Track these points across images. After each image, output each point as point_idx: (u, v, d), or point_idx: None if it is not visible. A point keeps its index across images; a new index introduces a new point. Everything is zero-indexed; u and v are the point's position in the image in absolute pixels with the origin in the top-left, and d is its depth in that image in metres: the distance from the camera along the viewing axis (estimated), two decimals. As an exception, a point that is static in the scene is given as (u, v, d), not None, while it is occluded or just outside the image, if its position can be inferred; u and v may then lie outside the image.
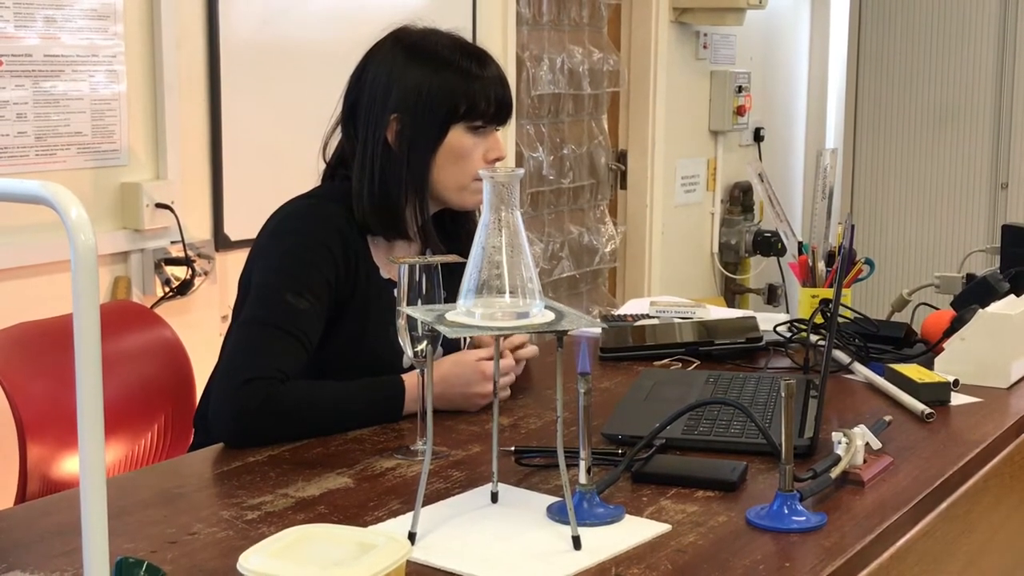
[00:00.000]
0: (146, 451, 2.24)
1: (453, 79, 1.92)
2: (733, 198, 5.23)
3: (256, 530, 1.40)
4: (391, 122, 1.92)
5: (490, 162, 1.96)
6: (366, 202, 1.93)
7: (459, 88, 1.92)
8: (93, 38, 2.68)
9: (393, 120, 1.92)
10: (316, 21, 3.20)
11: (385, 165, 1.93)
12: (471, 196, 1.97)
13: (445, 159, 1.94)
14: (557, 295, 4.36)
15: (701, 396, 1.89)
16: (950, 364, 2.06)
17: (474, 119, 1.93)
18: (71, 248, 0.93)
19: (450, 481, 1.57)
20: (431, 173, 1.94)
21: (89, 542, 0.96)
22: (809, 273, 2.50)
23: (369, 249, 1.95)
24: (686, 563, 1.31)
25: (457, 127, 1.93)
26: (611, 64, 4.54)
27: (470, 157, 1.94)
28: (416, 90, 1.91)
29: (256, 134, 3.06)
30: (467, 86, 1.92)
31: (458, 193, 1.97)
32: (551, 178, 4.32)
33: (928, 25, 5.60)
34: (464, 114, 1.92)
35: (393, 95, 1.92)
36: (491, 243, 1.33)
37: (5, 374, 2.06)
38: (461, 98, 1.92)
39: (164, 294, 2.85)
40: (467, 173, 1.94)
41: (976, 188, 5.56)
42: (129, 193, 2.78)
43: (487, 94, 1.93)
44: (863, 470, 1.56)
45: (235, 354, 1.82)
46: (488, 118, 1.95)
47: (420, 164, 1.93)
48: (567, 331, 1.34)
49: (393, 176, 1.92)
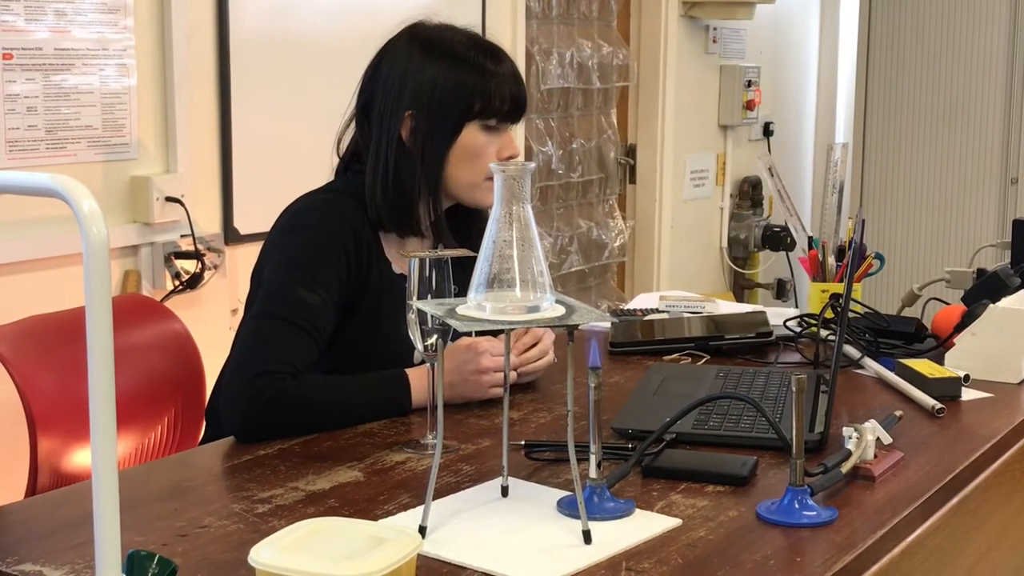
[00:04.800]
0: (156, 444, 2.25)
1: (468, 76, 1.91)
2: (742, 193, 5.22)
3: (267, 523, 1.40)
4: (405, 119, 1.92)
5: (503, 160, 1.94)
6: (379, 198, 1.92)
7: (474, 86, 1.91)
8: (103, 32, 2.68)
9: (408, 117, 1.91)
10: (325, 15, 3.19)
11: (399, 162, 1.92)
12: (484, 194, 1.95)
13: (459, 157, 1.93)
14: (566, 289, 4.36)
15: (711, 391, 1.88)
16: (961, 359, 2.05)
17: (488, 117, 1.92)
18: (83, 241, 0.93)
19: (460, 475, 1.57)
20: (445, 171, 1.93)
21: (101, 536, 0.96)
22: (819, 268, 2.50)
23: (382, 244, 1.95)
24: (696, 558, 1.31)
25: (471, 125, 1.92)
26: (620, 58, 4.53)
27: (483, 155, 1.93)
28: (431, 87, 1.90)
29: (266, 128, 3.06)
30: (482, 84, 1.91)
31: (471, 191, 1.96)
32: (560, 172, 4.32)
33: (938, 19, 5.59)
34: (479, 112, 1.91)
35: (408, 91, 1.91)
36: (502, 237, 1.33)
37: (16, 367, 2.06)
38: (476, 96, 1.90)
39: (174, 287, 2.86)
40: (480, 171, 1.93)
41: (986, 183, 5.54)
42: (139, 187, 2.78)
43: (502, 92, 1.92)
44: (874, 465, 1.55)
45: (246, 348, 1.82)
46: (502, 116, 1.94)
47: (434, 161, 1.92)
48: (578, 325, 1.34)
49: (407, 173, 1.92)
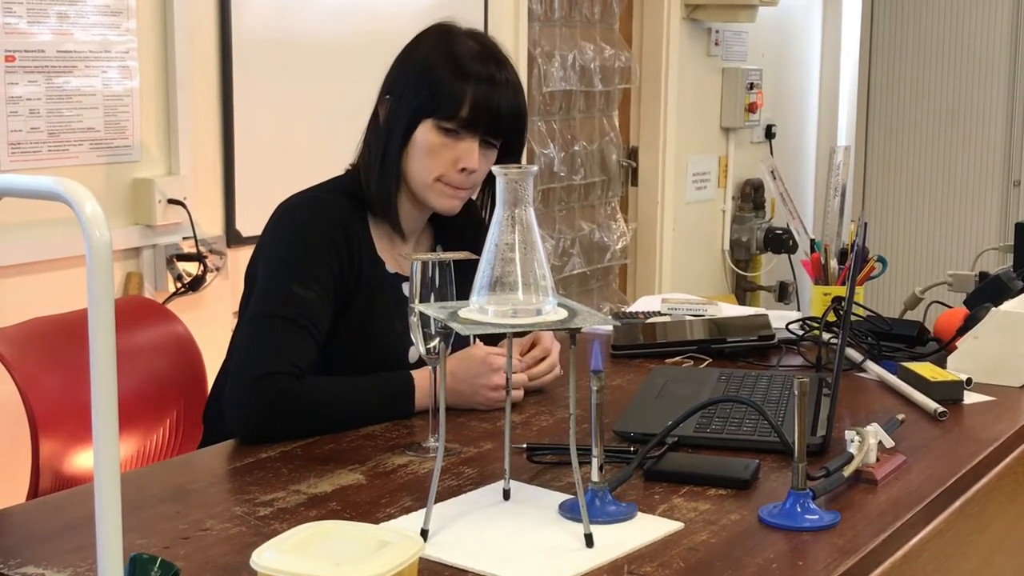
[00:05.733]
0: (158, 447, 2.24)
1: (441, 73, 1.87)
2: (744, 195, 5.22)
3: (269, 526, 1.40)
4: (385, 102, 1.94)
5: (460, 171, 1.89)
6: (363, 178, 1.93)
7: (438, 81, 1.86)
8: (106, 34, 2.68)
9: (386, 101, 1.93)
10: (328, 16, 3.19)
11: (373, 142, 1.94)
12: (436, 196, 1.91)
13: (412, 152, 1.90)
14: (568, 292, 4.36)
15: (713, 394, 1.88)
16: (963, 362, 2.05)
17: (444, 118, 1.87)
18: (86, 243, 0.93)
19: (462, 478, 1.57)
20: (402, 162, 1.91)
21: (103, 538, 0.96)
22: (821, 271, 2.50)
23: (373, 241, 1.94)
24: (698, 561, 1.31)
25: (427, 122, 1.88)
26: (622, 61, 4.53)
27: (435, 156, 1.88)
28: (406, 75, 1.91)
29: (268, 129, 3.06)
30: (448, 82, 1.86)
31: (423, 190, 1.92)
32: (562, 175, 4.32)
33: (941, 22, 5.58)
34: (434, 110, 1.87)
35: (392, 77, 1.94)
36: (504, 240, 1.33)
37: (18, 369, 2.06)
38: (439, 93, 1.86)
39: (176, 290, 2.85)
40: (429, 171, 1.89)
41: (988, 186, 5.54)
42: (141, 189, 2.78)
43: (463, 95, 1.85)
44: (876, 468, 1.55)
45: (247, 349, 1.82)
46: (462, 123, 1.87)
47: (392, 150, 1.91)
48: (580, 328, 1.34)
49: (375, 157, 1.92)
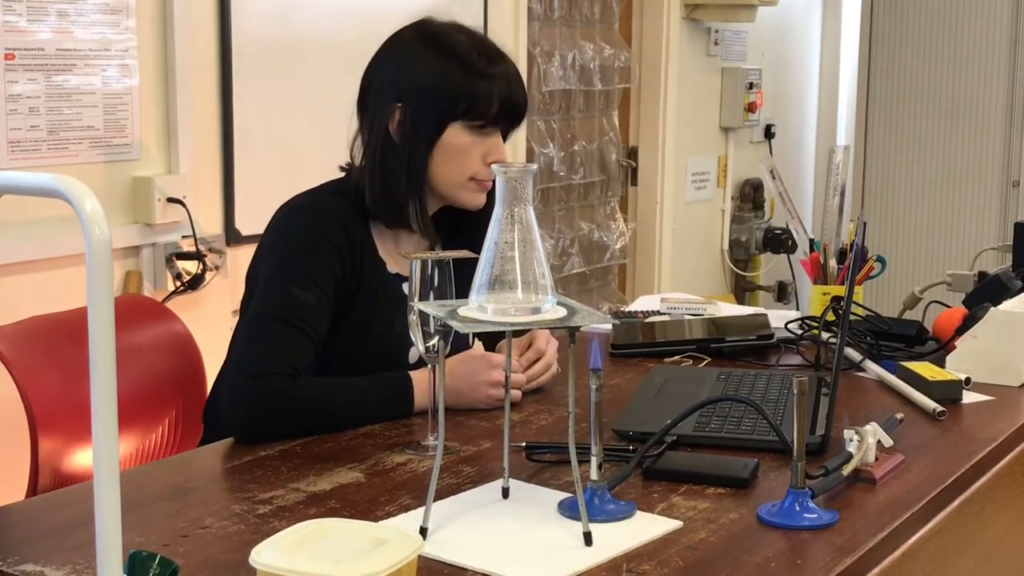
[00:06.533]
0: (157, 445, 2.25)
1: (458, 75, 1.88)
2: (744, 195, 5.22)
3: (268, 524, 1.41)
4: (394, 111, 1.90)
5: (489, 165, 1.91)
6: (368, 190, 1.91)
7: (462, 85, 1.87)
8: (105, 32, 2.68)
9: (396, 110, 1.90)
10: (328, 15, 3.19)
11: (386, 154, 1.91)
12: (468, 195, 1.93)
13: (442, 155, 1.90)
14: (567, 291, 4.36)
15: (712, 393, 1.88)
16: (962, 362, 2.05)
17: (474, 118, 1.89)
18: (86, 241, 0.93)
19: (461, 476, 1.57)
20: (429, 168, 1.91)
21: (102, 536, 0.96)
22: (820, 270, 2.50)
23: (374, 242, 1.94)
24: (697, 560, 1.31)
25: (456, 124, 1.89)
26: (622, 60, 4.53)
27: (467, 156, 1.90)
28: (420, 82, 1.89)
29: (268, 128, 3.06)
30: (471, 83, 1.88)
31: (455, 190, 1.93)
32: (561, 174, 4.32)
33: (940, 22, 5.58)
34: (463, 112, 1.88)
35: (398, 84, 1.90)
36: (503, 239, 1.33)
37: (17, 367, 2.06)
38: (462, 95, 1.87)
39: (175, 288, 2.86)
40: (463, 172, 1.91)
41: (988, 186, 5.54)
42: (141, 187, 2.78)
43: (491, 94, 1.89)
44: (875, 468, 1.55)
45: (245, 349, 1.82)
46: (490, 119, 1.90)
47: (417, 157, 1.90)
48: (579, 327, 1.34)
49: (392, 165, 1.90)
